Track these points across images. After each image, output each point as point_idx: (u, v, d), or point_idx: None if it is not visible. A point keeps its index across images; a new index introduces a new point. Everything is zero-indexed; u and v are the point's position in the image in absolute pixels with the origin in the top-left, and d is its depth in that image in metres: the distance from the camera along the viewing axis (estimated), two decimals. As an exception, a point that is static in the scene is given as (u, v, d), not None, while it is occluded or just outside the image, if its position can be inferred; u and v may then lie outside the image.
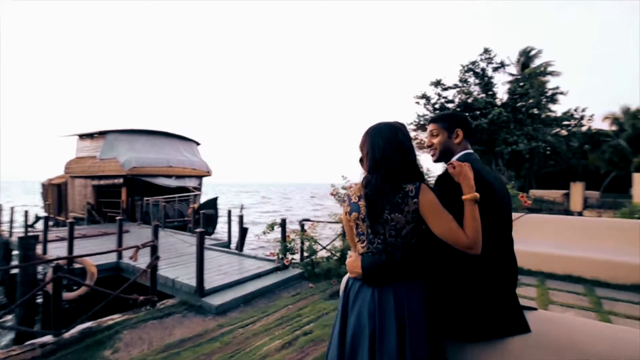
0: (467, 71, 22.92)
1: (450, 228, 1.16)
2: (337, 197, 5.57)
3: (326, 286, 4.62)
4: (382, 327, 1.14)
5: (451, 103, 22.72)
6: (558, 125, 25.90)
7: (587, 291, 3.71)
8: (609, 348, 1.02)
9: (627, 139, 20.29)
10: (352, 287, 1.29)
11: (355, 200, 1.29)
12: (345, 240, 5.41)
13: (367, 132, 1.36)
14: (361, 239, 1.29)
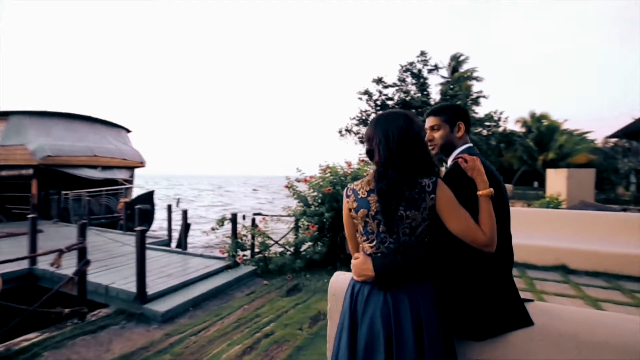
0: (405, 71, 24.29)
1: (468, 225, 1.11)
2: (292, 190, 5.40)
3: (281, 282, 4.46)
4: (398, 333, 1.05)
5: (391, 100, 23.89)
6: (480, 126, 28.96)
7: (520, 273, 4.14)
8: (609, 336, 1.06)
9: (534, 140, 23.52)
10: (360, 292, 1.16)
11: (364, 196, 1.16)
12: (301, 234, 5.29)
13: (377, 120, 1.23)
14: (369, 238, 1.17)
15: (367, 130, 1.25)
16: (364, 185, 1.19)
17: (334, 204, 5.02)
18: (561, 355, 1.10)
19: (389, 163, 1.13)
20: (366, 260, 1.16)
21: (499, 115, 29.31)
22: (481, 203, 1.16)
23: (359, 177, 5.27)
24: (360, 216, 1.17)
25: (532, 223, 4.86)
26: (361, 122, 25.18)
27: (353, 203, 1.19)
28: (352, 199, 1.20)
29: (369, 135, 1.23)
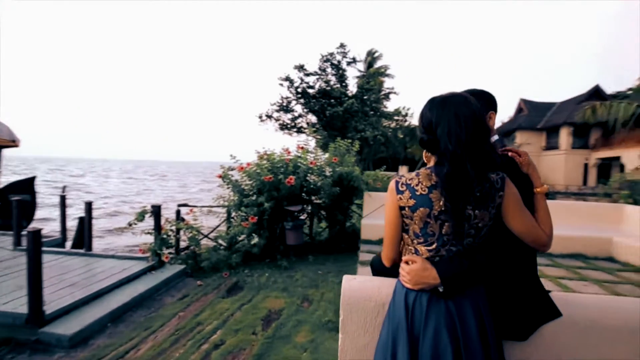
0: (325, 61, 24.66)
1: (532, 225, 1.05)
2: (227, 179, 4.88)
3: (218, 281, 4.00)
4: (467, 344, 0.95)
5: (312, 89, 24.06)
6: (390, 119, 31.57)
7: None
8: (627, 320, 1.11)
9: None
10: (418, 302, 1.01)
11: (424, 192, 0.99)
12: (235, 227, 4.83)
13: (442, 103, 1.02)
14: (428, 241, 1.01)
15: (424, 114, 1.05)
16: (422, 180, 1.01)
17: (274, 193, 4.71)
18: (589, 342, 1.13)
19: (459, 155, 0.96)
20: (426, 265, 1.00)
21: (407, 110, 32.40)
22: (539, 201, 1.11)
23: (300, 166, 5.06)
24: (419, 216, 1.00)
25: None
26: (282, 108, 24.78)
27: (409, 200, 1.01)
28: (407, 196, 1.01)
29: (428, 120, 1.03)
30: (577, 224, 5.05)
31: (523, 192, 1.07)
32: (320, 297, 3.51)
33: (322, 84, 23.68)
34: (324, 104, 23.11)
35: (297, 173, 4.78)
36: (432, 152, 1.07)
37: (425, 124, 1.05)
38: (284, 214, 4.81)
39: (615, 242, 4.53)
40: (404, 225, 1.07)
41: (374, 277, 1.41)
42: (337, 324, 2.91)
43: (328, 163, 5.45)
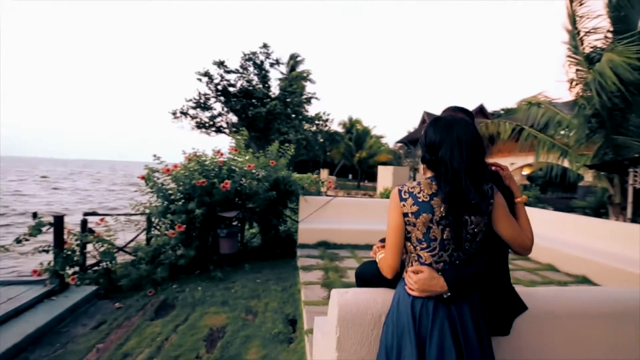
0: (247, 59, 23.98)
1: (519, 231, 1.18)
2: (151, 182, 4.28)
3: (142, 301, 3.47)
4: (468, 345, 1.04)
5: (233, 87, 23.09)
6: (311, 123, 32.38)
7: (381, 255, 4.84)
8: (582, 308, 1.31)
9: (353, 140, 28.48)
10: (424, 308, 1.07)
11: (426, 199, 1.08)
12: (159, 237, 4.28)
13: (446, 126, 1.12)
14: (431, 246, 1.09)
15: (428, 135, 1.15)
16: (424, 188, 1.10)
17: (206, 199, 4.32)
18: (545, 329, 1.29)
19: (462, 174, 1.06)
20: (434, 275, 1.08)
21: (327, 116, 33.65)
22: (520, 209, 1.25)
23: (235, 169, 4.76)
24: (422, 221, 1.08)
25: (384, 211, 5.78)
26: (199, 105, 23.17)
27: (412, 207, 1.09)
28: (410, 202, 1.09)
29: (432, 140, 1.13)
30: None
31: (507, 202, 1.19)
32: (265, 307, 3.33)
33: (244, 83, 22.95)
34: (246, 103, 22.38)
35: (233, 177, 4.48)
36: (432, 170, 1.16)
37: (427, 144, 1.15)
38: (217, 221, 4.45)
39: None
40: (406, 232, 1.13)
41: (365, 289, 1.37)
42: (289, 335, 2.81)
43: (264, 166, 5.26)
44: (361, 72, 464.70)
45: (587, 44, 6.59)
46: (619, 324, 1.35)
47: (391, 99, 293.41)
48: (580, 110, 6.46)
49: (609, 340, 1.35)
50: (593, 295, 1.46)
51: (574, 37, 6.66)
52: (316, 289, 3.37)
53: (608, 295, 1.47)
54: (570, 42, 6.77)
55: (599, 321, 1.34)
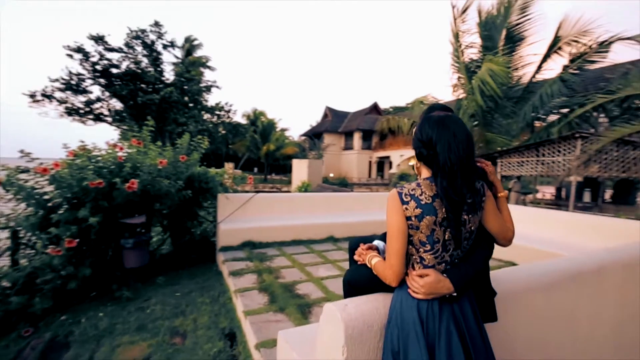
0: (135, 38, 20.69)
1: (504, 224, 1.26)
2: (13, 186, 3.22)
3: (16, 346, 2.62)
4: (470, 335, 1.07)
5: (116, 68, 19.64)
6: (212, 114, 30.30)
7: (309, 249, 4.81)
8: (540, 280, 1.48)
9: (259, 133, 27.77)
10: (430, 309, 1.07)
11: (429, 201, 1.09)
12: (33, 259, 3.30)
13: (440, 122, 1.11)
14: (434, 247, 1.10)
15: (424, 130, 1.13)
16: (425, 190, 1.09)
17: (103, 203, 3.51)
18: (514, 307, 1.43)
19: (458, 169, 1.07)
20: (440, 277, 1.08)
21: (229, 107, 31.94)
22: (502, 203, 1.32)
23: (140, 165, 4.00)
24: (425, 224, 1.08)
25: (307, 205, 5.76)
26: (69, 87, 19.00)
27: (415, 210, 1.07)
28: (412, 205, 1.07)
29: (428, 136, 1.11)
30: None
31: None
32: (194, 324, 2.91)
33: (131, 64, 19.74)
34: (134, 88, 19.37)
35: (139, 175, 3.75)
36: (428, 165, 1.15)
37: (424, 139, 1.13)
38: (119, 229, 3.68)
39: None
40: (409, 237, 1.11)
41: (363, 297, 1.26)
42: (231, 353, 2.49)
43: (172, 162, 4.58)
44: (264, 65, 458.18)
45: (467, 56, 7.83)
46: (563, 290, 1.61)
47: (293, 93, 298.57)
48: (464, 110, 7.65)
49: (558, 306, 1.58)
50: (541, 269, 1.70)
51: (457, 49, 7.83)
52: (254, 295, 3.10)
53: (554, 266, 1.73)
54: (454, 53, 7.95)
55: (553, 290, 1.56)
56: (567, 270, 1.73)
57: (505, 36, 7.65)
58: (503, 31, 7.49)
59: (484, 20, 7.60)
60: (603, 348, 1.99)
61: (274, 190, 21.40)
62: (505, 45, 7.64)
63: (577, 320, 1.80)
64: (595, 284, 1.87)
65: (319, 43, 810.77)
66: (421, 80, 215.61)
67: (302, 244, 5.00)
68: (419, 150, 1.15)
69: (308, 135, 34.29)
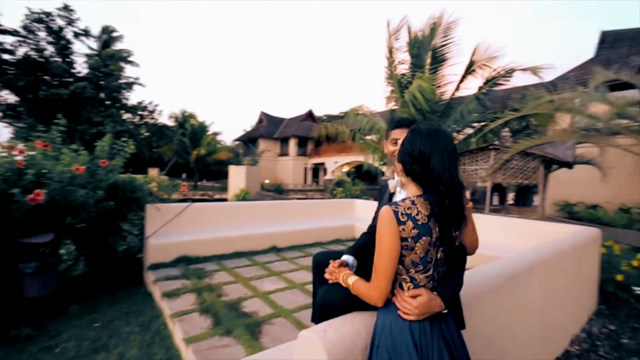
0: (36, 21, 17.67)
1: (473, 235, 1.27)
2: None
3: None
4: (455, 346, 1.08)
5: (9, 54, 16.47)
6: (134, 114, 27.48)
7: (251, 261, 4.55)
8: (495, 279, 1.56)
9: (189, 136, 25.92)
10: (422, 330, 1.03)
11: (425, 221, 1.03)
12: None
13: (433, 135, 1.08)
14: (427, 268, 1.06)
15: (415, 144, 1.08)
16: (421, 209, 1.04)
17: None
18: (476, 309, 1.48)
19: (450, 185, 1.05)
20: (431, 296, 1.05)
21: (154, 106, 29.33)
22: (469, 215, 1.30)
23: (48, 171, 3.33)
24: (421, 245, 1.03)
25: (247, 214, 5.48)
26: None
27: (412, 231, 1.02)
28: (409, 226, 1.02)
29: (420, 150, 1.07)
30: (333, 217, 6.55)
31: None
32: None
33: (31, 51, 16.77)
34: (35, 80, 16.49)
35: (46, 184, 3.11)
36: (418, 181, 1.10)
37: (416, 154, 1.08)
38: (18, 251, 3.00)
39: (356, 227, 6.28)
40: (400, 257, 1.06)
41: (343, 319, 1.16)
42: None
43: (91, 168, 3.93)
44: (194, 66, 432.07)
45: (399, 71, 8.41)
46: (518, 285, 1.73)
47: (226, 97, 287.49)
48: (397, 122, 8.17)
49: (502, 305, 1.70)
50: (491, 271, 1.82)
51: (390, 64, 8.37)
52: (194, 318, 2.78)
53: (500, 268, 1.87)
54: (388, 67, 8.47)
55: (501, 290, 1.68)
56: (510, 271, 1.89)
57: (431, 56, 8.42)
58: (429, 52, 8.24)
59: (413, 40, 8.27)
60: (533, 338, 2.23)
61: (205, 198, 20.16)
62: (431, 65, 8.41)
63: (514, 316, 1.97)
64: (527, 280, 2.08)
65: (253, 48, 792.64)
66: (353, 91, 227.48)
67: (243, 256, 4.72)
68: (410, 166, 1.10)
69: (242, 140, 33.27)
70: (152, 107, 28.55)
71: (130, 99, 26.53)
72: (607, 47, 13.10)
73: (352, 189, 11.68)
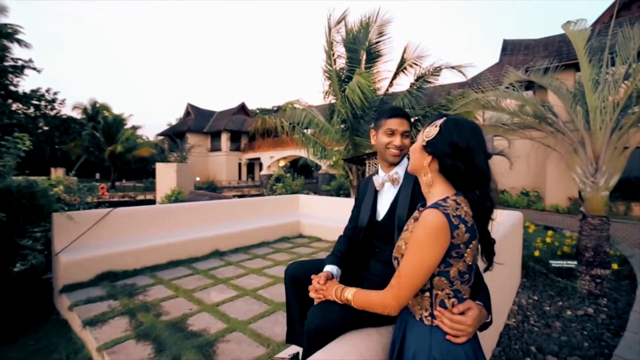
0: None
1: None
2: None
3: None
4: None
5: None
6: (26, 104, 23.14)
7: (192, 269, 4.08)
8: None
9: (102, 131, 22.68)
10: (477, 349, 0.92)
11: (472, 222, 0.91)
12: None
13: (475, 129, 0.94)
14: (470, 277, 0.93)
15: (462, 136, 0.92)
16: (466, 208, 0.90)
17: None
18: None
19: (489, 182, 0.95)
20: (479, 306, 0.94)
21: (53, 95, 25.09)
22: None
23: None
24: (471, 250, 0.90)
25: (181, 219, 4.92)
26: None
27: (464, 235, 0.87)
28: (462, 230, 0.87)
29: (469, 146, 0.92)
30: (277, 214, 6.30)
31: None
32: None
33: None
34: None
35: None
36: (455, 180, 0.95)
37: (463, 147, 0.92)
38: None
39: (302, 223, 6.14)
40: (441, 267, 0.90)
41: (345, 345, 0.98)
42: None
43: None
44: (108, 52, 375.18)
45: (339, 65, 8.43)
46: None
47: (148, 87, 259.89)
48: (338, 116, 8.20)
49: None
50: None
51: (330, 57, 8.34)
52: (130, 347, 2.32)
53: None
54: (327, 61, 8.43)
55: None
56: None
57: (367, 52, 8.62)
58: (365, 47, 8.43)
59: (351, 35, 8.36)
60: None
61: (126, 200, 17.97)
62: (367, 60, 8.61)
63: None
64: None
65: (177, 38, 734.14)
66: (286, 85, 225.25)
67: (182, 265, 4.21)
68: (452, 162, 0.92)
69: (167, 135, 30.44)
70: (50, 96, 24.29)
71: (21, 86, 22.13)
72: (508, 53, 15.08)
73: (292, 184, 11.50)
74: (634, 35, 3.63)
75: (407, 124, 1.33)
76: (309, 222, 6.10)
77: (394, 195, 1.32)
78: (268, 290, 3.43)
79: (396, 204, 1.28)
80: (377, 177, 1.38)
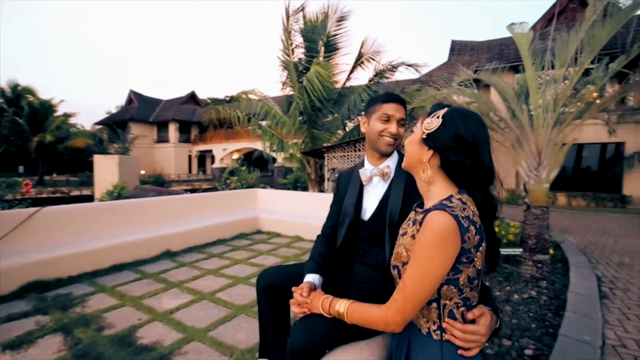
0: None
1: None
2: None
3: None
4: None
5: None
6: None
7: (140, 273, 3.69)
8: None
9: (25, 118, 19.83)
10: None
11: (480, 223, 0.83)
12: None
13: (481, 122, 0.86)
14: (478, 282, 0.85)
15: (468, 129, 0.83)
16: (473, 208, 0.82)
17: None
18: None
19: (493, 178, 0.88)
20: (490, 312, 0.87)
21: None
22: None
23: None
24: (481, 254, 0.81)
25: (133, 215, 4.45)
26: None
27: (475, 238, 0.79)
28: (472, 233, 0.78)
29: (473, 139, 0.83)
30: (234, 210, 5.99)
31: None
32: None
33: None
34: None
35: None
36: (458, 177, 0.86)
37: (470, 140, 0.83)
38: None
39: (260, 218, 5.91)
40: (450, 275, 0.81)
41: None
42: None
43: None
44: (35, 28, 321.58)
45: (296, 55, 8.22)
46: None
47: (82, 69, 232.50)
48: (294, 107, 8.01)
49: None
50: None
51: (287, 47, 8.09)
52: (65, 371, 1.99)
53: None
54: (284, 51, 8.17)
55: None
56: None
57: (325, 43, 8.52)
58: (324, 39, 8.31)
59: (310, 24, 8.19)
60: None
61: (58, 197, 16.07)
62: (325, 52, 8.51)
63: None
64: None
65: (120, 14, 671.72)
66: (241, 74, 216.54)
67: (127, 269, 3.80)
68: (457, 157, 0.83)
69: (106, 124, 27.68)
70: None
71: None
72: (456, 53, 15.98)
73: (248, 177, 11.09)
74: (569, 41, 3.96)
75: (404, 111, 1.20)
76: (267, 218, 5.89)
77: (384, 191, 1.19)
78: (227, 292, 3.21)
79: (387, 201, 1.16)
80: (363, 170, 1.23)
